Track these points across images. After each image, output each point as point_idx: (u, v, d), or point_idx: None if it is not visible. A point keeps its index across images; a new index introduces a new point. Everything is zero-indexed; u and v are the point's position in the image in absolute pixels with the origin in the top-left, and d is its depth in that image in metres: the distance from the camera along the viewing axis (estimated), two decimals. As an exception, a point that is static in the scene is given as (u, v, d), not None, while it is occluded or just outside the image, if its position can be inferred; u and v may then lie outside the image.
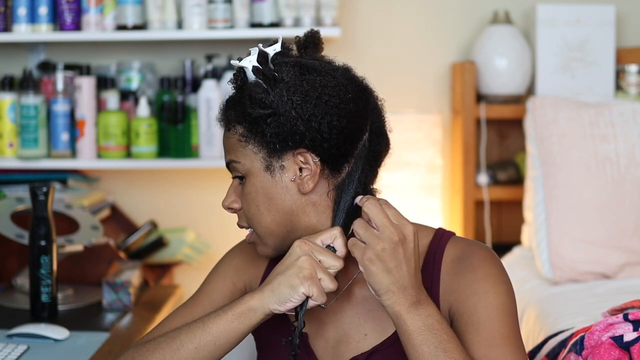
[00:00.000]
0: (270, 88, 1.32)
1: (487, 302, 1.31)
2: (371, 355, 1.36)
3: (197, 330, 1.32)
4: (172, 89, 2.59)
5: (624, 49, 2.74)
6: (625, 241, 2.33)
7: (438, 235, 1.41)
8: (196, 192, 2.84)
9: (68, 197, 2.47)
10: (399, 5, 2.83)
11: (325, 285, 1.29)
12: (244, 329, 1.31)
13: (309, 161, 1.34)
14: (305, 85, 1.33)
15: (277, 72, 1.33)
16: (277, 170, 1.34)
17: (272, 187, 1.35)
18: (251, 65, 1.35)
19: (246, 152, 1.35)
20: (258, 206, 1.36)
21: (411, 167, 2.67)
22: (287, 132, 1.32)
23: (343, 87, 1.35)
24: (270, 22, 2.54)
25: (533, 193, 2.48)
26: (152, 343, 1.35)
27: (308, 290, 1.28)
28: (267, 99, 1.32)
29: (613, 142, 2.39)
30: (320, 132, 1.32)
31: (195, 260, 2.65)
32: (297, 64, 1.35)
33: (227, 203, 1.40)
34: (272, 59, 1.36)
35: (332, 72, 1.36)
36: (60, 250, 2.16)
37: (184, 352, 1.32)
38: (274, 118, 1.32)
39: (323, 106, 1.32)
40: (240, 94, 1.36)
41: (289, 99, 1.31)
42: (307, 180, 1.34)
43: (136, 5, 2.51)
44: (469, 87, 2.70)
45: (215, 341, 1.31)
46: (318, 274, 1.29)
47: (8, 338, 1.84)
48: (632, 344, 1.55)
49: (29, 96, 2.49)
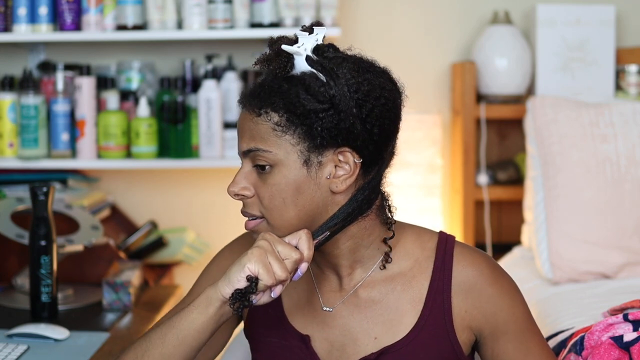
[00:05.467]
0: (333, 82, 1.28)
1: (515, 317, 1.37)
2: (381, 355, 1.36)
3: (164, 326, 1.32)
4: (172, 89, 2.59)
5: (624, 49, 2.74)
6: (625, 241, 2.33)
7: (443, 238, 1.41)
8: (196, 192, 2.84)
9: (68, 197, 2.47)
10: (399, 6, 2.83)
11: (275, 271, 1.26)
12: (204, 320, 1.29)
13: (349, 161, 1.31)
14: (367, 85, 1.29)
15: (335, 65, 1.29)
16: (314, 165, 1.30)
17: (305, 182, 1.31)
18: (305, 54, 1.30)
19: (281, 142, 1.29)
20: (284, 199, 1.31)
21: (411, 167, 2.67)
22: (341, 129, 1.28)
23: (394, 91, 1.33)
24: (270, 22, 2.54)
25: (533, 193, 2.48)
26: (131, 345, 1.35)
27: (254, 268, 1.26)
28: (327, 93, 1.28)
29: (613, 142, 2.39)
30: (372, 134, 1.30)
31: (195, 260, 2.65)
32: (353, 60, 1.32)
33: (237, 189, 1.34)
34: (323, 51, 1.31)
35: (382, 74, 1.33)
36: (60, 250, 2.16)
37: (152, 348, 1.31)
38: (329, 113, 1.28)
39: (380, 108, 1.30)
40: (288, 82, 1.30)
41: (351, 97, 1.28)
42: (342, 180, 1.31)
43: (136, 5, 2.51)
44: (469, 87, 2.70)
45: (178, 334, 1.30)
46: (269, 258, 1.27)
47: (8, 338, 1.84)
48: (632, 344, 1.55)
49: (29, 96, 2.49)
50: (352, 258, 1.38)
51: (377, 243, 1.39)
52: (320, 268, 1.41)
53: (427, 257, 1.39)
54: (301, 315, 1.42)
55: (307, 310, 1.42)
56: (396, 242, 1.40)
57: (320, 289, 1.42)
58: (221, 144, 2.55)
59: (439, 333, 1.36)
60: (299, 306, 1.42)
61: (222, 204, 2.80)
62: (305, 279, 1.43)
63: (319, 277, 1.42)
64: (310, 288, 1.43)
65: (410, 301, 1.37)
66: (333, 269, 1.40)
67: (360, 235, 1.37)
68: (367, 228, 1.37)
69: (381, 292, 1.38)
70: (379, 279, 1.39)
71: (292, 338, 1.41)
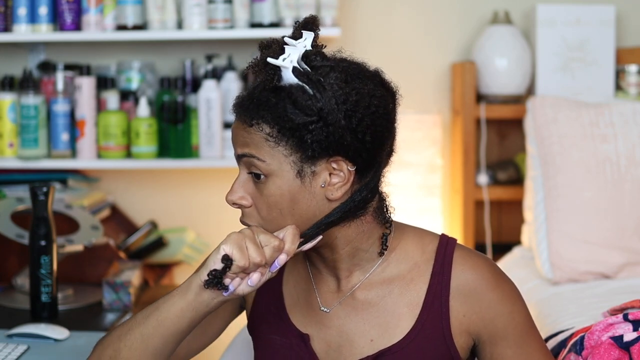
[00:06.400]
0: (320, 94, 1.26)
1: (515, 322, 1.36)
2: (377, 358, 1.36)
3: (150, 307, 1.34)
4: (172, 89, 2.59)
5: (624, 49, 2.74)
6: (625, 241, 2.33)
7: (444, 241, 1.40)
8: (196, 192, 2.84)
9: (68, 197, 2.47)
10: (399, 6, 2.83)
11: (250, 254, 1.26)
12: (182, 305, 1.30)
13: (343, 169, 1.30)
14: (355, 95, 1.27)
15: (322, 76, 1.27)
16: (308, 175, 1.29)
17: (300, 192, 1.29)
18: (291, 66, 1.27)
19: (274, 152, 1.28)
20: (281, 210, 1.30)
21: (411, 167, 2.67)
22: (331, 141, 1.27)
23: (384, 96, 1.31)
24: (270, 22, 2.54)
25: (533, 193, 2.48)
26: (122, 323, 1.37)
27: (229, 249, 1.26)
28: (314, 106, 1.25)
29: (613, 142, 2.39)
30: (364, 142, 1.28)
31: (195, 260, 2.65)
32: (340, 68, 1.29)
33: (235, 198, 1.33)
34: (310, 60, 1.29)
35: (372, 78, 1.31)
36: (60, 250, 2.16)
37: (135, 326, 1.33)
38: (318, 125, 1.26)
39: (370, 117, 1.28)
40: (276, 95, 1.28)
41: (339, 109, 1.26)
42: (337, 188, 1.30)
43: (136, 5, 2.51)
44: (468, 87, 2.70)
45: (158, 316, 1.31)
46: (246, 242, 1.27)
47: (8, 338, 1.84)
48: (632, 344, 1.55)
49: (29, 96, 2.49)
50: (351, 262, 1.38)
51: (376, 246, 1.38)
52: (318, 269, 1.41)
53: (426, 260, 1.38)
54: (301, 314, 1.42)
55: (305, 309, 1.42)
56: (396, 244, 1.39)
57: (319, 289, 1.42)
58: (221, 144, 2.55)
59: (436, 337, 1.35)
60: (299, 305, 1.43)
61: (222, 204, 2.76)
62: (303, 278, 1.43)
63: (317, 278, 1.42)
64: (309, 288, 1.43)
65: (407, 304, 1.37)
66: (331, 271, 1.40)
67: (359, 239, 1.36)
68: (365, 231, 1.36)
69: (379, 294, 1.38)
70: (377, 281, 1.38)
71: (292, 336, 1.41)
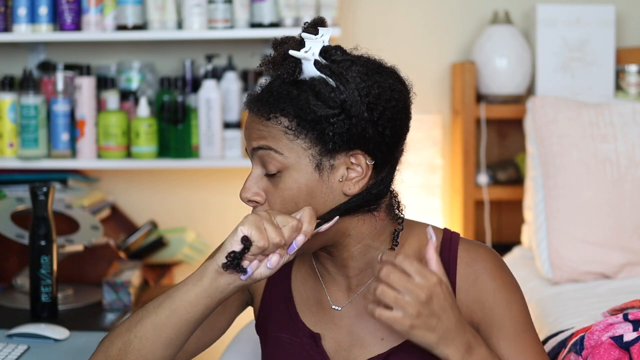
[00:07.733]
0: (343, 86, 1.26)
1: (511, 314, 1.36)
2: (389, 356, 1.35)
3: (161, 296, 1.30)
4: (172, 89, 2.59)
5: (624, 49, 2.74)
6: (625, 241, 2.33)
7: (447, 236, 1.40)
8: (196, 192, 2.84)
9: (68, 197, 2.47)
10: (399, 5, 2.83)
11: (269, 234, 1.23)
12: (197, 291, 1.26)
13: (362, 163, 1.29)
14: (377, 88, 1.27)
15: (344, 69, 1.27)
16: (326, 169, 1.28)
17: (317, 186, 1.29)
18: (313, 59, 1.27)
19: (293, 145, 1.27)
20: (297, 203, 1.29)
21: (411, 167, 2.67)
22: (352, 134, 1.27)
23: (403, 92, 1.31)
24: (270, 22, 2.54)
25: (533, 193, 2.48)
26: (132, 314, 1.34)
27: (247, 230, 1.22)
28: (337, 98, 1.25)
29: (613, 142, 2.39)
30: (384, 136, 1.29)
31: (195, 260, 2.65)
32: (362, 62, 1.30)
33: (249, 195, 1.31)
34: (330, 55, 1.28)
35: (390, 74, 1.32)
36: (60, 250, 2.16)
37: (146, 317, 1.29)
38: (340, 118, 1.26)
39: (391, 110, 1.28)
40: (297, 88, 1.27)
41: (362, 101, 1.26)
42: (355, 182, 1.30)
43: (136, 5, 2.52)
44: (468, 87, 2.70)
45: (171, 304, 1.27)
46: (264, 223, 1.24)
47: (8, 338, 1.84)
48: (632, 344, 1.55)
49: (29, 96, 2.49)
50: (362, 260, 1.37)
51: (387, 243, 1.38)
52: (326, 268, 1.41)
53: None
54: (311, 313, 1.41)
55: (315, 308, 1.41)
56: (404, 240, 1.39)
57: (328, 288, 1.41)
58: (221, 144, 2.55)
59: None
60: (309, 304, 1.42)
61: (221, 204, 2.80)
62: (311, 277, 1.43)
63: (325, 277, 1.41)
64: (318, 287, 1.42)
65: None
66: (340, 270, 1.39)
67: (371, 236, 1.36)
68: (378, 229, 1.36)
69: None
70: None
71: (303, 335, 1.40)
